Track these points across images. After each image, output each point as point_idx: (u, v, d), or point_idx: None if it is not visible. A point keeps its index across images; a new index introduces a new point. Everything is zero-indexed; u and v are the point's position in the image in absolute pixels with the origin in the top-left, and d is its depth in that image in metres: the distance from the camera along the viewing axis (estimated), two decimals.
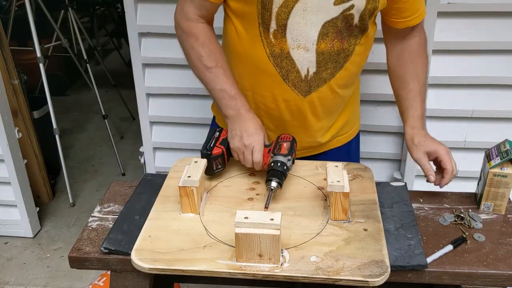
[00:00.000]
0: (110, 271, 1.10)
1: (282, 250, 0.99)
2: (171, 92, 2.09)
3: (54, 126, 2.65)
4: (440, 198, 1.27)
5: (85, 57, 3.15)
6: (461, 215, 1.19)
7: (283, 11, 1.13)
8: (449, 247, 1.08)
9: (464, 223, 1.16)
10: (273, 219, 0.93)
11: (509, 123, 1.97)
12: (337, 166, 1.14)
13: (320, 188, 1.22)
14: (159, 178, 1.30)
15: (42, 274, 2.30)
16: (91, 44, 3.70)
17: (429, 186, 1.26)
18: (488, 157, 1.22)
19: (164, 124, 2.18)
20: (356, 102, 1.47)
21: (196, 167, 1.15)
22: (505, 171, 1.17)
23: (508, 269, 1.03)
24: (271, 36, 1.18)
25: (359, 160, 1.56)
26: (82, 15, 4.57)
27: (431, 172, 1.21)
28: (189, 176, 1.11)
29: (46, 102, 2.63)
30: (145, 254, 1.00)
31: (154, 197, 1.20)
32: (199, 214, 1.13)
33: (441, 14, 1.79)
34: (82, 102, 4.12)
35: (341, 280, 0.94)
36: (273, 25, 1.16)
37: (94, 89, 3.09)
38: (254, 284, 1.16)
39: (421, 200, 1.26)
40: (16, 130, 2.32)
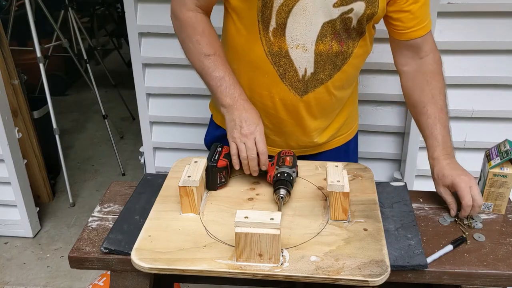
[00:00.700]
0: (110, 271, 1.10)
1: (282, 249, 0.99)
2: (171, 92, 2.09)
3: (54, 126, 2.65)
4: (440, 198, 1.27)
5: (85, 57, 3.15)
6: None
7: (284, 10, 1.13)
8: (449, 247, 1.08)
9: (464, 223, 1.16)
10: (273, 219, 0.93)
11: (509, 123, 1.97)
12: (337, 166, 1.14)
13: (320, 188, 1.22)
14: (159, 178, 1.30)
15: (42, 274, 2.30)
16: (91, 44, 3.71)
17: (429, 186, 1.26)
18: (488, 157, 1.22)
19: (164, 124, 2.18)
20: (354, 103, 1.47)
21: (196, 167, 1.15)
22: (505, 171, 1.17)
23: (508, 269, 1.03)
24: (270, 34, 1.18)
25: (357, 161, 1.56)
26: (82, 15, 4.57)
27: (452, 206, 1.17)
28: (189, 176, 1.11)
29: (46, 102, 2.63)
30: (145, 254, 1.00)
31: (154, 197, 1.20)
32: (199, 214, 1.13)
33: (441, 14, 1.79)
34: (82, 102, 4.12)
35: (341, 279, 0.94)
36: (273, 23, 1.16)
37: (94, 89, 3.09)
38: (254, 284, 1.17)
39: (421, 200, 1.26)
40: (16, 130, 2.32)
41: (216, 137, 1.41)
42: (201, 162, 1.17)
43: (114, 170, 3.16)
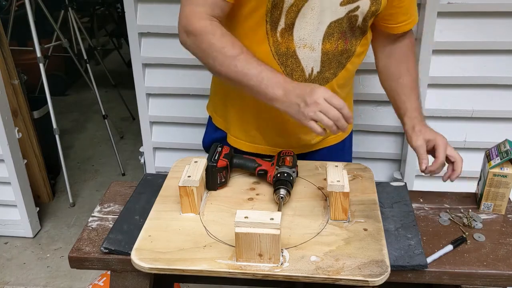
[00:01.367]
0: (110, 271, 1.10)
1: (282, 249, 0.99)
2: (171, 92, 2.09)
3: (54, 126, 2.65)
4: (440, 198, 1.27)
5: (85, 57, 3.15)
6: (458, 214, 1.19)
7: (293, 10, 1.14)
8: (449, 247, 1.08)
9: (464, 223, 1.17)
10: (273, 219, 0.93)
11: (509, 123, 1.97)
12: (337, 166, 1.14)
13: (320, 188, 1.22)
14: (159, 178, 1.30)
15: (42, 274, 2.30)
16: (91, 44, 3.70)
17: (429, 186, 1.26)
18: (488, 157, 1.22)
19: (164, 124, 2.18)
20: (350, 101, 1.47)
21: (196, 167, 1.15)
22: (505, 171, 1.17)
23: (508, 269, 1.03)
24: (278, 34, 1.18)
25: (351, 159, 1.56)
26: (82, 15, 4.58)
27: (425, 160, 1.22)
28: (189, 176, 1.11)
29: (46, 102, 2.63)
30: (145, 254, 1.00)
31: (154, 197, 1.20)
32: (199, 214, 1.13)
33: (441, 14, 1.79)
34: (82, 102, 4.12)
35: (341, 279, 0.94)
36: (282, 24, 1.16)
37: (94, 89, 3.09)
38: (254, 284, 1.16)
39: (421, 200, 1.26)
40: (16, 130, 2.32)
41: (215, 140, 1.41)
42: (201, 162, 1.17)
43: (114, 170, 3.16)
